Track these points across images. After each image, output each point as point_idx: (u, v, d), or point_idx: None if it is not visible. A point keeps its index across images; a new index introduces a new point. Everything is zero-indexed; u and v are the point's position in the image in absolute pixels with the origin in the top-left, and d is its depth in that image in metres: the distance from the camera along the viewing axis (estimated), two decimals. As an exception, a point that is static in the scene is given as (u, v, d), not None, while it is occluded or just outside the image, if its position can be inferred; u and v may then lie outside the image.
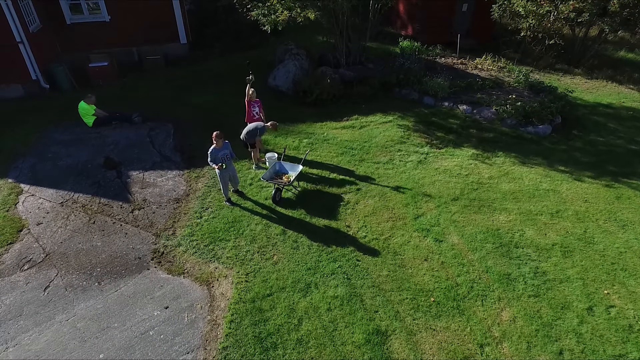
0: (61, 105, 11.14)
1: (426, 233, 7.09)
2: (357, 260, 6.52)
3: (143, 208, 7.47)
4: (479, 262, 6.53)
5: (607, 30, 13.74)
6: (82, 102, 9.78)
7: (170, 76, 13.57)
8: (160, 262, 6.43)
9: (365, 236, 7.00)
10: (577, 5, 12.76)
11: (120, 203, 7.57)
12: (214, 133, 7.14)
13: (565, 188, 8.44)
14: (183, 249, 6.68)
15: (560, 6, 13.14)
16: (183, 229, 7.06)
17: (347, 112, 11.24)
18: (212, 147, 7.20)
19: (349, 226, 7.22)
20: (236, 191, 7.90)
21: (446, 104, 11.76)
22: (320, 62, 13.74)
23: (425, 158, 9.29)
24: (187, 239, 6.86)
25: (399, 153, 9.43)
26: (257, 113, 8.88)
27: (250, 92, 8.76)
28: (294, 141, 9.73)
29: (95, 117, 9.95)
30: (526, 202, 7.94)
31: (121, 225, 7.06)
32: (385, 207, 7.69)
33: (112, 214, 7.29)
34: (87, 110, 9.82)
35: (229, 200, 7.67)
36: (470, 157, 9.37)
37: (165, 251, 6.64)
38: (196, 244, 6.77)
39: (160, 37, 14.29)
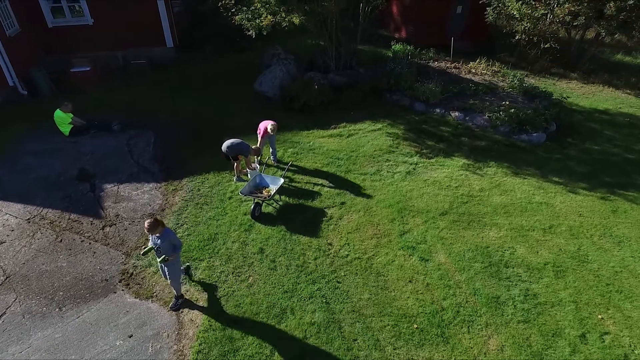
0: (39, 113, 10.73)
1: (412, 251, 6.73)
2: (338, 282, 6.16)
3: (115, 224, 7.09)
4: (467, 284, 6.17)
5: (604, 33, 13.40)
6: (57, 110, 9.40)
7: (156, 81, 13.18)
8: (128, 284, 6.06)
9: (348, 255, 6.64)
10: (573, 9, 12.41)
11: (91, 219, 7.19)
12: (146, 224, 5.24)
13: (559, 201, 8.09)
14: (154, 269, 6.30)
15: (555, 9, 12.80)
16: (155, 248, 6.68)
17: (335, 119, 10.87)
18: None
19: (330, 244, 6.86)
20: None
21: (438, 110, 11.41)
22: (310, 66, 13.38)
23: (414, 169, 8.93)
24: (158, 259, 6.48)
25: (387, 163, 9.07)
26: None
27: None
28: (278, 150, 9.34)
29: (71, 126, 9.56)
30: (518, 217, 7.59)
31: (90, 243, 6.69)
32: (370, 222, 7.33)
33: (82, 231, 6.91)
34: (63, 119, 9.44)
35: (180, 297, 5.75)
36: (461, 168, 9.01)
37: (134, 272, 6.26)
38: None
39: (145, 40, 13.91)
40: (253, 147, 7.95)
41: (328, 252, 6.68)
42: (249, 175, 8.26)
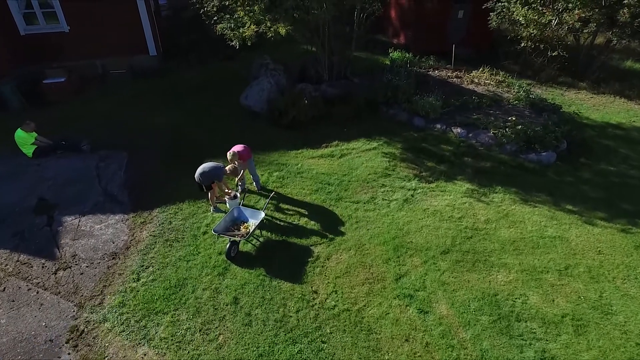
0: (5, 130, 9.84)
1: (409, 301, 5.85)
2: (322, 342, 5.28)
3: (70, 267, 6.21)
4: (473, 344, 5.29)
5: (616, 40, 12.53)
6: (19, 130, 8.53)
7: (136, 92, 12.31)
8: (76, 345, 5.18)
9: (335, 306, 5.76)
10: (583, 15, 11.53)
11: (43, 261, 6.32)
12: None
13: (575, 234, 7.21)
14: (109, 325, 5.43)
15: (564, 15, 11.91)
16: (113, 297, 5.81)
17: (327, 137, 9.99)
18: None
19: (316, 292, 5.98)
20: None
21: (438, 126, 10.52)
22: (301, 76, 12.50)
23: (412, 195, 8.05)
24: (116, 311, 5.61)
25: (382, 189, 8.19)
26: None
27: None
28: (262, 174, 8.48)
29: (35, 147, 8.69)
30: (529, 255, 6.71)
31: (37, 292, 5.81)
32: (361, 263, 6.45)
33: (30, 277, 6.03)
34: (25, 139, 8.57)
35: None
36: (464, 194, 8.13)
37: (86, 329, 5.38)
38: (126, 319, 5.52)
39: (126, 48, 13.04)
40: (227, 166, 7.04)
41: (312, 303, 5.80)
42: (227, 204, 7.39)
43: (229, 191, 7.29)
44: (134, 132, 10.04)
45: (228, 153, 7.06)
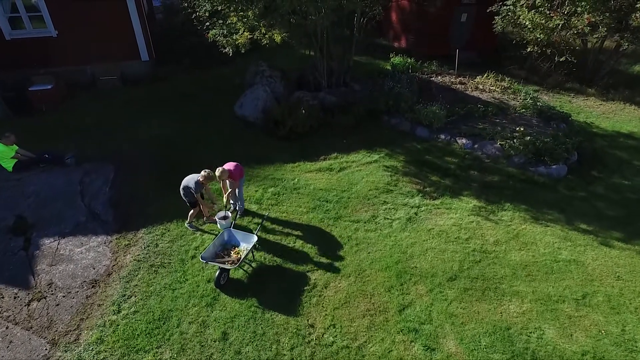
0: (-14, 141, 9.37)
1: (414, 336, 5.36)
2: (319, 385, 4.80)
3: (45, 298, 5.72)
4: (485, 387, 4.80)
5: (627, 45, 12.03)
6: (-3, 143, 8.04)
7: (127, 99, 11.79)
8: (47, 391, 4.70)
9: (333, 342, 5.26)
10: (593, 19, 11.04)
11: (16, 290, 5.81)
12: None
13: (591, 258, 6.72)
14: (85, 366, 4.94)
15: (572, 20, 11.42)
16: (91, 332, 5.31)
17: (326, 149, 9.49)
18: None
19: (312, 325, 5.48)
20: None
21: (442, 136, 10.02)
22: (299, 83, 12.01)
23: (416, 213, 7.55)
24: (92, 349, 5.10)
25: (384, 207, 7.69)
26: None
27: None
28: (257, 190, 7.98)
29: (15, 160, 8.19)
30: (543, 282, 6.22)
31: (7, 327, 5.31)
32: (362, 292, 5.95)
33: (0, 309, 5.53)
34: (4, 153, 8.05)
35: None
36: (471, 212, 7.64)
37: (59, 371, 4.90)
38: (103, 358, 5.02)
39: (117, 54, 12.50)
40: (201, 175, 6.36)
41: (309, 339, 5.30)
42: (218, 225, 6.89)
43: (213, 205, 6.81)
44: (122, 143, 9.53)
45: (217, 169, 6.55)
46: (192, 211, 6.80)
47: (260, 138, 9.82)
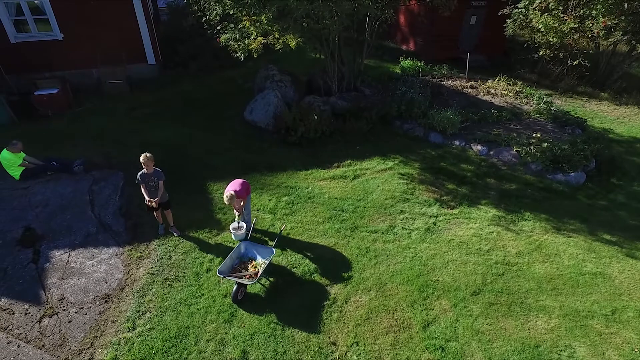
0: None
1: (440, 354, 5.16)
2: (345, 409, 4.60)
3: (57, 314, 5.52)
4: (518, 410, 4.61)
5: (641, 49, 11.88)
6: (4, 151, 7.81)
7: (134, 104, 11.61)
8: (62, 414, 4.50)
9: (357, 361, 5.07)
10: (609, 23, 10.85)
11: (27, 306, 5.61)
12: None
13: (617, 270, 6.52)
14: (100, 388, 4.74)
15: (587, 23, 11.23)
16: (105, 351, 5.11)
17: (339, 155, 9.30)
18: None
19: (334, 343, 5.28)
20: None
21: (457, 142, 9.83)
22: (309, 87, 11.83)
23: (434, 223, 7.36)
24: (107, 370, 4.92)
25: (401, 216, 7.50)
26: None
27: None
28: (270, 199, 7.79)
29: (23, 168, 7.99)
30: (570, 296, 6.02)
31: (19, 346, 5.11)
32: (384, 307, 5.76)
33: (10, 326, 5.33)
34: (11, 161, 7.86)
35: None
36: (490, 222, 7.44)
37: (73, 393, 4.70)
38: (119, 379, 4.83)
39: (123, 57, 12.33)
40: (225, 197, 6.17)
41: (331, 357, 5.10)
42: (232, 236, 6.69)
43: (236, 223, 6.60)
44: (130, 149, 9.31)
45: (224, 196, 6.23)
46: (155, 214, 6.77)
47: (271, 144, 9.63)
